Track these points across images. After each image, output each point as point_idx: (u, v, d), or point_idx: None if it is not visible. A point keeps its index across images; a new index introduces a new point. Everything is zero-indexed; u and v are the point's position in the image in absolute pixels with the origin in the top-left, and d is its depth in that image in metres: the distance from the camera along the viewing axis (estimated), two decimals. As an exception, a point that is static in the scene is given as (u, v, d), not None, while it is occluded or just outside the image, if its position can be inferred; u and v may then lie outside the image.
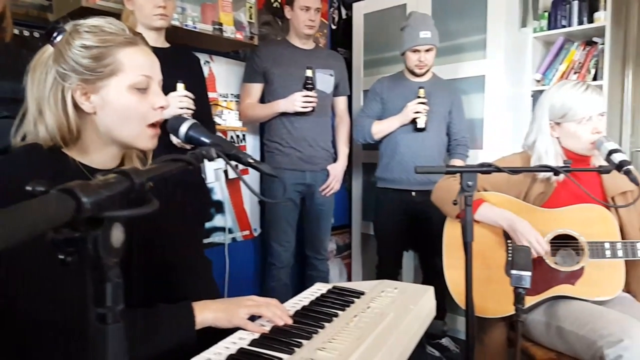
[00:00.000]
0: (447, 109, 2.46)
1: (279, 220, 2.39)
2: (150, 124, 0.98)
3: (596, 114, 1.51)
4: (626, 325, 1.28)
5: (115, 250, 0.43)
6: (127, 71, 0.93)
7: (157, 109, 0.98)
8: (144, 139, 0.98)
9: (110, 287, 0.43)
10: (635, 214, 1.57)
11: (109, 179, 0.45)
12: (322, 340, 0.90)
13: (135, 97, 0.95)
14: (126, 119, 0.95)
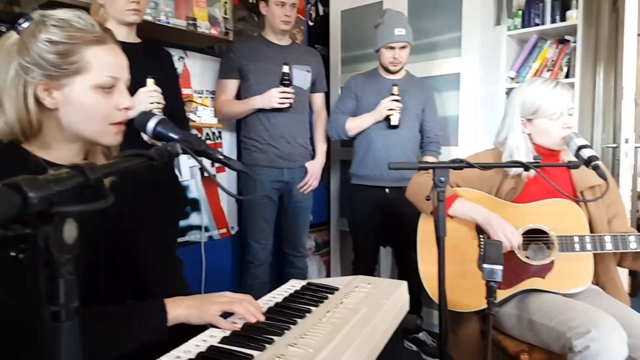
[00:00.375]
0: (421, 106, 2.48)
1: (257, 218, 2.38)
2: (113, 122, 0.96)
3: (566, 109, 1.55)
4: (593, 317, 1.31)
5: (68, 246, 0.42)
6: (93, 71, 0.91)
7: (122, 109, 0.96)
8: (107, 135, 0.96)
9: (63, 284, 0.42)
10: (603, 208, 1.61)
11: (60, 173, 0.44)
12: (294, 336, 0.90)
13: (99, 97, 0.93)
14: (89, 118, 0.93)
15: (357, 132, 2.46)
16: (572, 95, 1.59)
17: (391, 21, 2.35)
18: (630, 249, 1.48)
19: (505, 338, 1.58)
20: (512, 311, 1.54)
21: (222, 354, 0.83)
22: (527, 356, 1.46)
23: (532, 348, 1.48)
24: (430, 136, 2.53)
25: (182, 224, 2.41)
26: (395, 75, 2.45)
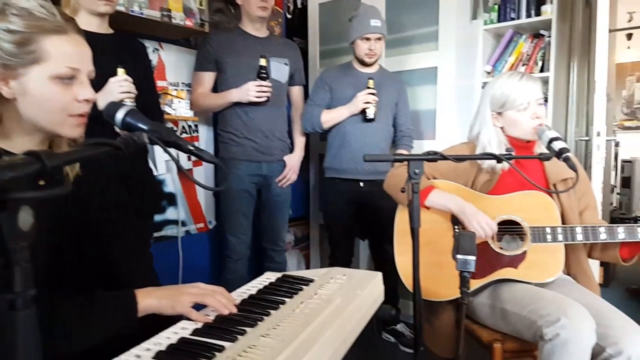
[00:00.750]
0: (394, 100, 2.50)
1: (235, 212, 2.36)
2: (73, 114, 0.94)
3: (534, 100, 1.58)
4: (563, 305, 1.33)
5: (24, 233, 0.41)
6: (52, 61, 0.89)
7: (81, 101, 0.94)
8: (67, 128, 0.94)
9: (18, 271, 0.41)
10: (575, 200, 1.64)
11: (15, 160, 0.43)
12: (266, 327, 0.90)
13: (57, 88, 0.91)
14: (46, 109, 0.91)
15: (332, 125, 2.45)
16: (540, 85, 1.62)
17: (366, 13, 2.36)
18: (600, 239, 1.51)
19: (479, 327, 1.60)
20: (486, 301, 1.57)
21: (193, 346, 0.83)
22: (500, 345, 1.49)
23: (505, 337, 1.51)
24: (403, 130, 2.55)
25: (158, 219, 2.38)
26: (369, 68, 2.46)
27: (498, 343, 1.49)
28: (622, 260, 1.57)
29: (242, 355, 0.78)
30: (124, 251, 1.14)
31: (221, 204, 2.45)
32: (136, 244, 1.52)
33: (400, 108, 2.53)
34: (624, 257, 1.56)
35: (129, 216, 1.55)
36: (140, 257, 1.25)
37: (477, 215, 1.53)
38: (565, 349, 1.29)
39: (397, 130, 2.55)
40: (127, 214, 1.50)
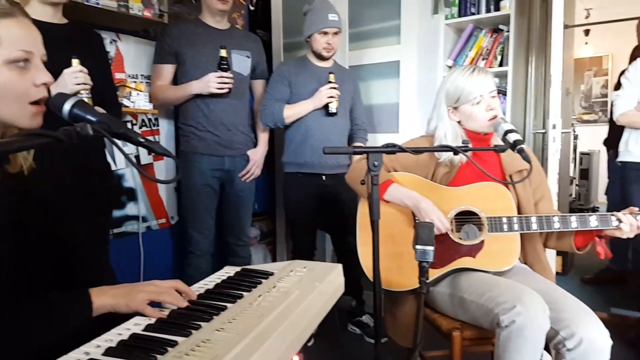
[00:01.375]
0: (351, 94, 2.52)
1: (197, 207, 2.32)
2: (32, 101, 0.91)
3: (487, 92, 1.61)
4: (518, 293, 1.37)
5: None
6: (3, 45, 0.86)
7: (40, 85, 0.91)
8: (25, 118, 0.91)
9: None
10: (530, 191, 1.69)
11: None
12: (222, 321, 0.89)
13: (13, 73, 0.87)
14: (4, 97, 0.87)
15: (294, 120, 2.44)
16: (492, 78, 1.65)
17: (323, 6, 2.36)
18: (554, 229, 1.56)
19: (440, 316, 1.63)
20: (445, 290, 1.60)
21: (144, 341, 0.81)
22: (459, 333, 1.52)
23: (464, 325, 1.54)
24: (358, 123, 2.58)
25: (117, 214, 2.32)
26: (325, 63, 2.46)
27: (457, 331, 1.52)
28: (576, 249, 1.62)
29: (195, 350, 0.77)
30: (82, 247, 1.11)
31: (183, 199, 2.41)
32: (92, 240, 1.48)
33: (355, 102, 2.56)
34: (578, 246, 1.61)
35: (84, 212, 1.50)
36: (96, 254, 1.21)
37: (430, 213, 1.56)
38: (521, 334, 1.32)
39: (353, 124, 2.57)
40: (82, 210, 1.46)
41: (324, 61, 2.46)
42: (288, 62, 2.55)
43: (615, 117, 2.41)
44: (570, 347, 1.33)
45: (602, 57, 6.43)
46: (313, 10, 2.37)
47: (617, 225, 1.50)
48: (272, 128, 2.54)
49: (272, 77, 2.51)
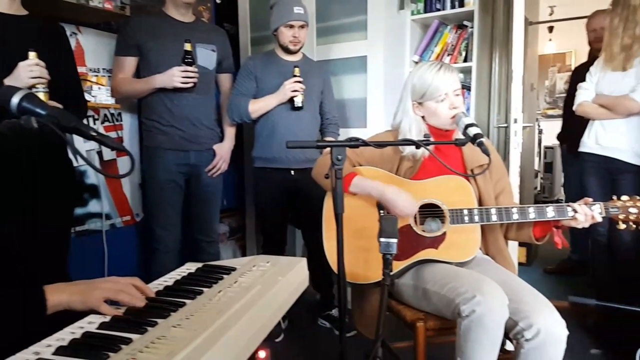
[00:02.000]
0: (320, 88, 2.51)
1: (162, 203, 2.28)
2: None
3: (452, 91, 1.64)
4: (478, 283, 1.40)
5: None
6: None
7: None
8: None
9: None
10: (491, 184, 1.73)
11: None
12: (179, 317, 0.88)
13: None
14: None
15: (260, 115, 2.43)
16: (457, 76, 1.68)
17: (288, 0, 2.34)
18: (513, 220, 1.59)
19: (404, 308, 1.65)
20: (409, 282, 1.62)
21: (98, 340, 0.79)
22: (423, 324, 1.54)
23: (428, 316, 1.57)
24: (329, 118, 2.57)
25: (80, 212, 2.27)
26: (293, 56, 2.46)
27: (421, 322, 1.55)
28: (535, 240, 1.66)
29: (150, 347, 0.76)
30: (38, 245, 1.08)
31: (147, 195, 2.37)
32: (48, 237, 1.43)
33: (325, 96, 2.55)
34: (537, 237, 1.66)
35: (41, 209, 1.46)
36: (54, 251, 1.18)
37: (396, 199, 1.57)
38: (481, 324, 1.36)
39: (324, 118, 2.57)
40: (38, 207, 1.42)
41: (292, 55, 2.45)
42: (255, 56, 2.53)
43: (574, 107, 2.49)
44: (528, 337, 1.37)
45: (566, 53, 6.60)
46: (279, 4, 2.37)
47: (573, 216, 1.55)
48: (239, 123, 2.51)
49: (239, 72, 2.49)
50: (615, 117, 2.30)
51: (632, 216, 1.56)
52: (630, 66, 2.26)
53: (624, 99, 2.24)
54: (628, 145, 2.28)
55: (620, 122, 2.30)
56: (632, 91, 2.22)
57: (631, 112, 2.24)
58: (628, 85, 2.25)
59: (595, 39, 3.01)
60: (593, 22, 3.10)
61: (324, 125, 2.59)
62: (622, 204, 1.57)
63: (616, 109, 2.28)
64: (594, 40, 3.06)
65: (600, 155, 2.37)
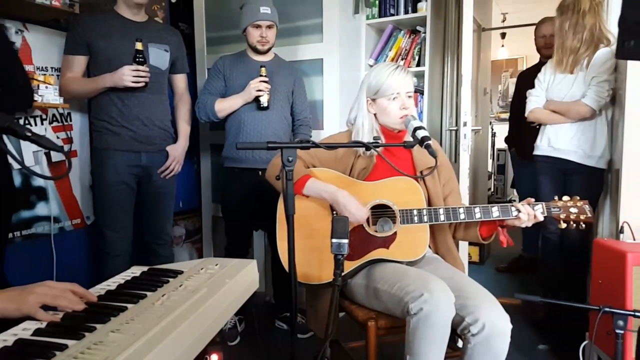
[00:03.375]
0: (290, 88, 2.51)
1: (112, 205, 2.22)
2: None
3: (404, 91, 1.68)
4: (426, 281, 1.44)
5: None
6: None
7: None
8: None
9: None
10: (440, 186, 1.78)
11: None
12: (119, 322, 0.86)
13: None
14: None
15: (227, 114, 2.42)
16: (411, 79, 1.72)
17: (256, 0, 2.35)
18: (460, 219, 1.64)
19: (357, 307, 1.68)
20: (361, 281, 1.65)
21: (31, 347, 0.77)
22: (374, 323, 1.57)
23: (379, 315, 1.59)
24: (300, 119, 2.57)
25: (26, 215, 2.19)
26: (264, 56, 2.45)
27: (372, 321, 1.57)
28: (482, 239, 1.72)
29: (85, 353, 0.74)
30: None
31: (97, 197, 2.30)
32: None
33: (296, 97, 2.54)
34: (483, 236, 1.72)
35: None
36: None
37: (347, 204, 1.60)
38: (428, 321, 1.39)
39: (295, 119, 2.57)
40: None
41: (262, 55, 2.45)
42: (226, 56, 2.51)
43: (526, 113, 2.59)
44: (474, 332, 1.41)
45: (518, 59, 6.86)
46: (247, 4, 2.37)
47: (517, 215, 1.61)
48: (208, 122, 2.51)
49: (210, 71, 2.51)
50: (567, 122, 2.41)
51: (572, 215, 1.63)
52: (580, 69, 2.37)
53: (576, 104, 2.35)
54: (579, 147, 2.39)
55: (572, 126, 2.41)
56: (583, 96, 2.33)
57: (583, 117, 2.35)
58: (578, 90, 2.36)
59: (545, 45, 3.13)
60: (542, 29, 3.20)
61: (295, 126, 2.58)
62: (563, 204, 1.64)
63: (568, 114, 2.39)
64: (543, 46, 3.17)
65: (553, 157, 2.48)
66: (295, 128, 2.59)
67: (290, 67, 2.57)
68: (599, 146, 2.35)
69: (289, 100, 2.53)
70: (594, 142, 2.36)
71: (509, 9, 5.96)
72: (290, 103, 2.54)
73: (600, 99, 2.28)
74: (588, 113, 2.33)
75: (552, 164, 2.49)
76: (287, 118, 2.53)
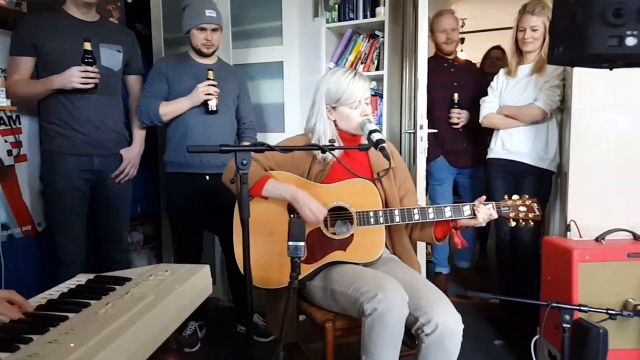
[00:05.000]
0: (236, 92, 2.49)
1: (64, 212, 2.14)
2: None
3: (364, 98, 1.70)
4: (380, 282, 1.46)
5: None
6: None
7: None
8: None
9: None
10: (396, 187, 1.80)
11: None
12: (59, 332, 0.83)
13: None
14: None
15: (172, 118, 2.36)
16: (368, 85, 1.74)
17: (200, 1, 2.31)
18: (414, 220, 1.67)
19: (316, 309, 1.68)
20: (320, 283, 1.65)
21: (-41, 362, 0.73)
22: (331, 324, 1.58)
23: (337, 316, 1.60)
24: (246, 122, 2.55)
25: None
26: (207, 59, 2.42)
27: (329, 322, 1.58)
28: (436, 240, 1.75)
29: (18, 366, 0.71)
30: None
31: (48, 203, 2.22)
32: None
33: (242, 100, 2.52)
34: (437, 237, 1.75)
35: None
36: None
37: (308, 203, 1.60)
38: (382, 321, 1.41)
39: (240, 123, 2.54)
40: None
41: (206, 58, 2.41)
42: (167, 57, 2.46)
43: (480, 119, 2.66)
44: (427, 332, 1.44)
45: (476, 63, 7.02)
46: (190, 5, 2.32)
47: (470, 215, 1.64)
48: (149, 126, 2.42)
49: (150, 73, 2.41)
50: (520, 125, 2.49)
51: (521, 214, 1.68)
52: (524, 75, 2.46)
53: (529, 107, 2.44)
54: (533, 150, 2.47)
55: (526, 129, 2.49)
56: (536, 100, 2.42)
57: (535, 119, 2.44)
58: (530, 94, 2.45)
59: (447, 40, 2.97)
60: (442, 22, 2.97)
61: (241, 130, 2.56)
62: (512, 202, 1.69)
63: (521, 117, 2.47)
64: (445, 41, 2.98)
65: (507, 159, 2.56)
66: (241, 132, 2.56)
67: (235, 71, 2.56)
68: (551, 149, 2.45)
69: (235, 104, 2.50)
70: (546, 145, 2.45)
71: (467, 14, 6.11)
72: (236, 107, 2.52)
73: (552, 102, 2.37)
74: (540, 116, 2.41)
75: (505, 166, 2.56)
76: (232, 122, 2.50)
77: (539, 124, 2.46)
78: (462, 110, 2.90)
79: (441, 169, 3.04)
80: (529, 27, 2.41)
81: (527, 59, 2.50)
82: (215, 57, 2.46)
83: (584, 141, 2.08)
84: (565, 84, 2.36)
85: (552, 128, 2.46)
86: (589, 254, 1.86)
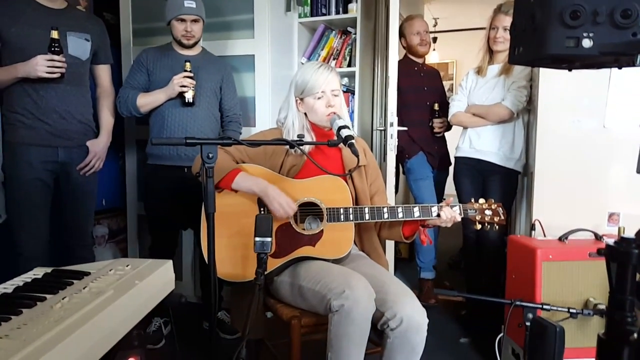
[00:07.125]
0: (218, 84, 2.45)
1: (26, 204, 2.07)
2: None
3: (329, 90, 1.69)
4: (347, 278, 1.46)
5: None
6: None
7: None
8: None
9: None
10: (367, 185, 1.81)
11: None
12: (10, 327, 0.80)
13: None
14: None
15: (150, 109, 2.33)
16: (336, 77, 1.74)
17: None
18: (384, 218, 1.68)
19: (282, 306, 1.67)
20: (287, 279, 1.64)
21: None
22: (297, 321, 1.57)
23: (303, 313, 1.60)
24: (229, 115, 2.52)
25: None
26: (190, 50, 2.38)
27: (296, 319, 1.57)
28: (404, 238, 1.76)
29: (-36, 363, 0.68)
30: None
31: (9, 194, 2.14)
32: None
33: (225, 93, 2.48)
34: (405, 235, 1.76)
35: None
36: None
37: (278, 197, 1.59)
38: (349, 317, 1.41)
39: (224, 116, 2.51)
40: None
41: (188, 49, 2.37)
42: (149, 49, 2.41)
43: (449, 118, 2.70)
44: (393, 326, 1.45)
45: (448, 63, 7.13)
46: None
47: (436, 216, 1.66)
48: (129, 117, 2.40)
49: (132, 64, 2.40)
50: (487, 124, 2.53)
51: (487, 217, 1.71)
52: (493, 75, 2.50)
53: (496, 106, 2.48)
54: (500, 149, 2.52)
55: (494, 128, 2.53)
56: (503, 99, 2.46)
57: (502, 119, 2.48)
58: (498, 94, 2.49)
59: (421, 41, 2.94)
60: (416, 25, 2.94)
61: (224, 122, 2.52)
62: (479, 206, 1.72)
63: (489, 116, 2.51)
64: (419, 43, 2.94)
65: (474, 158, 2.60)
66: (224, 125, 2.54)
67: (218, 63, 2.51)
68: (517, 149, 2.50)
69: (217, 97, 2.47)
70: (513, 145, 2.50)
71: (439, 14, 6.18)
72: (219, 99, 2.48)
73: (519, 103, 2.42)
74: (507, 115, 2.46)
75: (472, 164, 2.61)
76: (214, 114, 2.46)
77: (506, 124, 2.51)
78: (444, 118, 2.90)
79: (421, 164, 2.99)
80: (501, 26, 2.45)
81: (497, 58, 2.54)
82: (199, 48, 2.43)
83: (549, 142, 2.13)
84: (532, 84, 2.41)
85: (518, 128, 2.51)
86: (552, 253, 1.90)
